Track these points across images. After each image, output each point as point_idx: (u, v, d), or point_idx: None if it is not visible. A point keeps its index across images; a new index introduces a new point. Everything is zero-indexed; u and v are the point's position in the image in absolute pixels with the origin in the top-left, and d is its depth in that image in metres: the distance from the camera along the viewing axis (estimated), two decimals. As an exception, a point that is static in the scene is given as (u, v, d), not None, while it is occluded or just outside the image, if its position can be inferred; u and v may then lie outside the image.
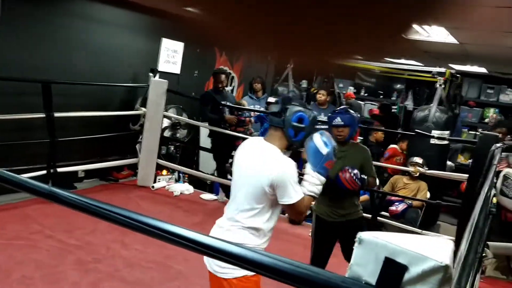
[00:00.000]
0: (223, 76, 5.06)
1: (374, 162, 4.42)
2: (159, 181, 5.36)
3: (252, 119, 5.43)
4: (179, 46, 5.99)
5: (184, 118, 5.61)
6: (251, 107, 5.71)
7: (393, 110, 7.98)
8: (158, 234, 1.03)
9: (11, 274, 2.91)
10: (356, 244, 0.79)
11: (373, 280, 0.75)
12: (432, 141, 4.33)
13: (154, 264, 3.32)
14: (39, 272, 2.99)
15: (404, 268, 0.73)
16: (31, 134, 4.33)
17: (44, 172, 4.25)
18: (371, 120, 7.53)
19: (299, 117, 1.96)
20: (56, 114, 4.28)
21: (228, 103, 5.09)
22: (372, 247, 0.76)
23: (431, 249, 0.74)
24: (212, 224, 4.64)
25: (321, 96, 5.54)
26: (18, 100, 4.24)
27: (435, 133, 4.53)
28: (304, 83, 8.53)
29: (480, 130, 7.73)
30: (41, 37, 4.35)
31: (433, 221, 5.45)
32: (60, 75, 4.42)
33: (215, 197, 5.23)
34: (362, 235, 0.79)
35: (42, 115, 4.19)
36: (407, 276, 0.73)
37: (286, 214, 4.83)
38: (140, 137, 5.33)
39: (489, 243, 3.27)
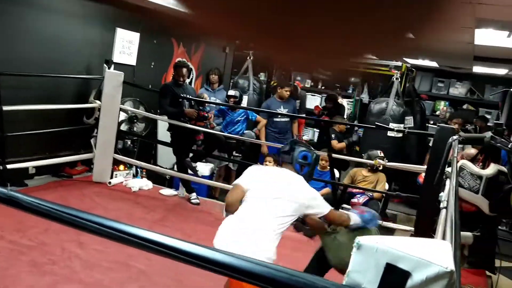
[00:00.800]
0: (184, 70, 4.93)
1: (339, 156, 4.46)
2: (116, 177, 5.17)
3: (213, 113, 5.33)
4: (134, 36, 5.79)
5: (141, 111, 5.43)
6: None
7: (349, 103, 8.11)
8: (127, 239, 0.96)
9: (-42, 280, 2.71)
10: (354, 250, 0.75)
11: (373, 287, 0.72)
12: (390, 133, 4.40)
13: (115, 264, 3.19)
14: (-11, 277, 2.80)
15: (407, 275, 0.70)
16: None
17: (-8, 169, 3.99)
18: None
19: (304, 155, 2.52)
20: (5, 108, 4.02)
21: (188, 96, 4.97)
22: (372, 252, 0.73)
23: (434, 253, 0.71)
24: (173, 220, 4.54)
25: (287, 91, 5.64)
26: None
27: (393, 126, 4.62)
28: (262, 76, 8.50)
29: (431, 122, 8.03)
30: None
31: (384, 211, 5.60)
32: (8, 66, 4.14)
33: (175, 192, 5.11)
34: (361, 240, 0.75)
35: (-12, 108, 3.92)
36: (409, 283, 0.70)
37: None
38: (95, 131, 5.11)
39: (446, 232, 3.39)
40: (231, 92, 5.53)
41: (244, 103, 6.20)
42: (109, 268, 3.15)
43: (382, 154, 4.80)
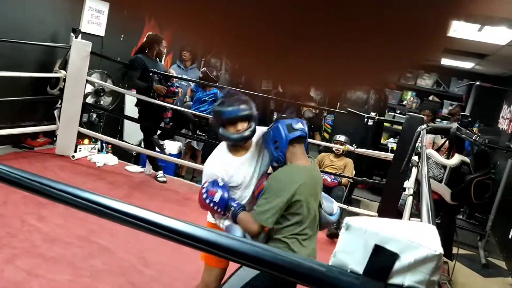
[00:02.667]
0: (164, 46, 4.82)
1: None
2: (80, 151, 5.02)
3: (181, 90, 5.20)
4: (104, 6, 5.57)
5: (108, 85, 5.26)
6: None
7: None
8: (84, 205, 0.91)
9: None
10: (343, 230, 0.74)
11: (360, 269, 0.71)
12: (370, 122, 4.45)
13: (76, 240, 3.11)
14: None
15: (395, 256, 0.69)
16: None
17: None
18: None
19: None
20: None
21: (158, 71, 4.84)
22: (361, 233, 0.72)
23: (422, 236, 0.71)
24: (138, 198, 4.46)
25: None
26: None
27: (372, 114, 4.68)
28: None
29: (398, 111, 8.20)
30: None
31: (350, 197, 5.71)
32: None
33: (141, 169, 5.02)
34: (350, 221, 0.74)
35: None
36: (397, 264, 0.69)
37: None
38: (59, 102, 4.92)
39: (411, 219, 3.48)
40: (203, 70, 5.41)
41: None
42: (70, 243, 3.06)
43: (344, 139, 4.87)
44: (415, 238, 0.69)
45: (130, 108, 5.67)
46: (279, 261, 0.73)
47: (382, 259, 0.70)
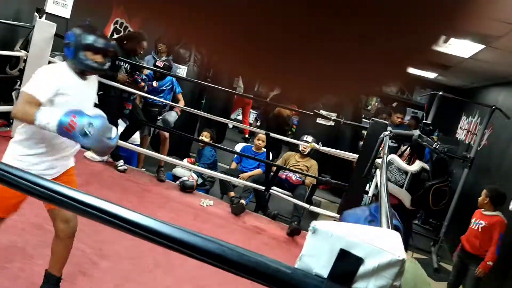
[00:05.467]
0: (145, 44, 4.73)
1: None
2: (38, 135, 4.83)
3: (144, 84, 5.03)
4: (72, -13, 5.39)
5: (72, 69, 5.08)
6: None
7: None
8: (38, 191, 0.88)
9: None
10: (309, 234, 0.73)
11: (325, 273, 0.71)
12: (329, 122, 4.52)
13: (30, 227, 3.00)
14: None
15: (359, 261, 0.69)
16: None
17: None
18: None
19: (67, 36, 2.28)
20: None
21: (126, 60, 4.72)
22: (327, 237, 0.71)
23: (386, 242, 0.71)
24: (97, 187, 4.36)
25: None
26: None
27: (329, 114, 4.75)
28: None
29: (362, 116, 8.37)
30: None
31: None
32: None
33: (100, 157, 4.88)
34: (316, 224, 0.73)
35: None
36: (362, 269, 0.69)
37: (177, 182, 4.72)
38: (18, 83, 4.72)
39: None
40: (159, 64, 5.22)
41: (183, 74, 6.02)
42: (24, 229, 2.95)
43: (311, 140, 4.93)
44: (379, 243, 0.69)
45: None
46: (245, 261, 0.72)
47: (347, 264, 0.70)
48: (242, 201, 4.43)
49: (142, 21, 6.94)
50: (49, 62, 4.73)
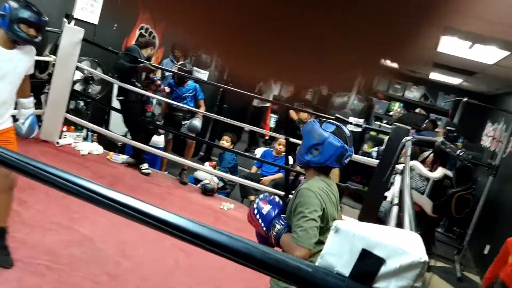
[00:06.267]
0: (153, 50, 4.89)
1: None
2: (65, 137, 4.96)
3: (164, 87, 5.12)
4: (100, -6, 5.52)
5: (98, 73, 5.21)
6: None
7: (308, 92, 8.22)
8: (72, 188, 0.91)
9: None
10: (331, 233, 0.75)
11: (346, 271, 0.72)
12: (349, 127, 4.49)
13: (57, 226, 3.08)
14: None
15: (381, 261, 0.70)
16: None
17: None
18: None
19: (2, 8, 2.42)
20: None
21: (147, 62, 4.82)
22: (349, 237, 0.73)
23: (409, 243, 0.73)
24: (120, 189, 4.43)
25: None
26: None
27: (352, 120, 4.72)
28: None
29: (385, 121, 8.29)
30: None
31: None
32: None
33: (125, 160, 4.98)
34: (339, 224, 0.75)
35: None
36: (383, 269, 0.71)
37: (199, 185, 4.76)
38: (47, 87, 4.86)
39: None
40: (175, 68, 5.29)
41: (205, 79, 6.09)
42: (50, 229, 3.03)
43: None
44: (402, 244, 0.71)
45: (119, 98, 5.63)
46: (267, 259, 0.74)
47: (368, 263, 0.71)
48: (263, 205, 4.45)
49: (165, 27, 7.06)
50: (77, 67, 4.86)
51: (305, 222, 1.72)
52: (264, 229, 1.85)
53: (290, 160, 4.98)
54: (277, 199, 1.95)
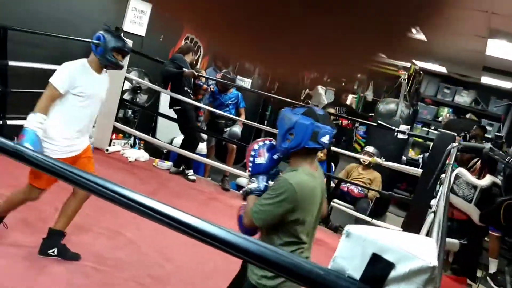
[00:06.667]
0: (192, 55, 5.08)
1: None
2: (113, 145, 5.19)
3: (210, 88, 5.24)
4: (147, 7, 5.75)
5: (146, 82, 5.42)
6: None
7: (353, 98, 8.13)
8: (117, 199, 0.97)
9: None
10: (343, 237, 0.77)
11: (357, 275, 0.74)
12: (399, 135, 4.40)
13: (105, 231, 3.23)
14: (-21, 229, 2.83)
15: (391, 266, 0.71)
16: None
17: (-8, 123, 4.00)
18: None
19: (97, 37, 2.78)
20: (10, 63, 4.00)
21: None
22: (360, 241, 0.75)
23: (419, 248, 0.73)
24: (164, 194, 4.57)
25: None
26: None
27: (402, 127, 4.63)
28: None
29: (433, 127, 8.04)
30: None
31: (382, 211, 5.64)
32: (17, 22, 4.11)
33: (170, 167, 5.13)
34: (350, 228, 0.77)
35: (-6, 62, 3.91)
36: (393, 273, 0.71)
37: (241, 191, 4.82)
38: (97, 97, 5.11)
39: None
40: (218, 76, 5.39)
41: (248, 86, 6.19)
42: (99, 233, 3.18)
43: (372, 151, 4.82)
44: (411, 249, 0.71)
45: (165, 106, 5.81)
46: (281, 261, 0.77)
47: (378, 267, 0.72)
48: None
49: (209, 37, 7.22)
50: (125, 78, 5.08)
51: (267, 205, 1.78)
52: (249, 172, 1.96)
53: (333, 167, 4.96)
54: (275, 156, 1.93)
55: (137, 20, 5.68)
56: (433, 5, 0.31)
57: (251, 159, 1.94)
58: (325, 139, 1.83)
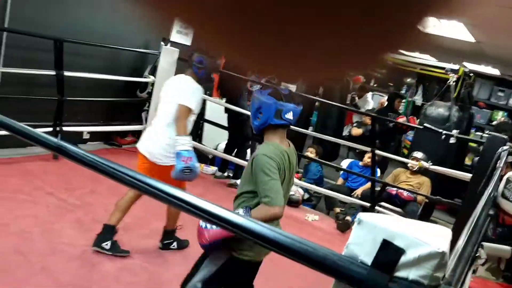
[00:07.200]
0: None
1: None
2: (162, 151, 5.37)
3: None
4: (193, 17, 5.93)
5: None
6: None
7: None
8: (161, 196, 1.04)
9: (10, 226, 2.96)
10: (355, 224, 0.80)
11: (369, 260, 0.77)
12: (452, 140, 4.27)
13: (151, 232, 3.36)
14: (38, 228, 3.04)
15: (401, 251, 0.74)
16: (39, 91, 4.34)
17: (50, 129, 4.26)
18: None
19: (199, 60, 2.98)
20: (66, 73, 4.27)
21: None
22: (371, 228, 0.78)
23: (429, 235, 0.75)
24: (209, 198, 4.68)
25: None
26: (29, 55, 4.23)
27: (454, 132, 4.50)
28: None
29: (487, 131, 7.71)
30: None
31: (427, 217, 5.47)
32: (72, 34, 4.38)
33: (216, 172, 5.25)
34: (362, 216, 0.80)
35: (53, 72, 4.19)
36: (403, 259, 0.74)
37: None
38: (147, 105, 5.33)
39: (483, 243, 3.29)
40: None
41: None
42: (146, 235, 3.32)
43: (420, 156, 4.70)
44: (420, 236, 0.73)
45: (211, 112, 5.96)
46: (297, 247, 0.81)
47: (389, 253, 0.75)
48: (348, 217, 4.41)
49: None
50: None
51: (270, 183, 1.88)
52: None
53: (378, 171, 4.89)
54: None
55: (183, 30, 5.88)
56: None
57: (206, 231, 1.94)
58: (289, 116, 2.02)
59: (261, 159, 1.92)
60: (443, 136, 4.22)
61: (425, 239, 0.73)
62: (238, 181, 4.96)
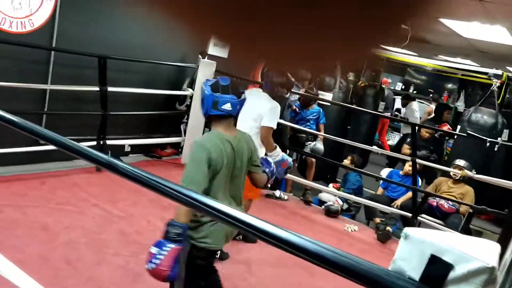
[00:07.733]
0: None
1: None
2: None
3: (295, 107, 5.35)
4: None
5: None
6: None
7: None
8: (207, 211, 1.07)
9: (59, 237, 3.09)
10: (401, 239, 0.80)
11: (416, 276, 0.77)
12: (488, 145, 4.14)
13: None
14: (85, 238, 3.15)
15: (449, 267, 0.73)
16: (83, 106, 4.52)
17: (94, 143, 4.42)
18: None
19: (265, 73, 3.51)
20: (109, 89, 4.43)
21: None
22: (418, 243, 0.77)
23: (478, 250, 0.74)
24: (255, 212, 4.72)
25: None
26: (74, 72, 4.42)
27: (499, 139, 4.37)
28: (351, 75, 8.40)
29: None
30: (100, 12, 4.50)
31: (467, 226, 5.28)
32: (114, 51, 4.54)
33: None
34: (409, 230, 0.80)
35: (96, 88, 4.36)
36: (451, 274, 0.73)
37: (322, 206, 4.83)
38: (186, 117, 5.44)
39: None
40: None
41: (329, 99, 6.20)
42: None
43: (463, 164, 4.56)
44: (469, 251, 0.73)
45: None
46: (344, 262, 0.82)
47: (437, 268, 0.75)
48: (388, 228, 4.33)
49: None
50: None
51: (190, 171, 1.98)
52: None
53: (420, 181, 4.78)
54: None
55: (219, 43, 5.98)
56: None
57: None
58: (226, 107, 2.08)
59: (193, 146, 2.05)
60: (488, 144, 4.08)
61: (474, 254, 0.72)
62: (277, 192, 5.01)
